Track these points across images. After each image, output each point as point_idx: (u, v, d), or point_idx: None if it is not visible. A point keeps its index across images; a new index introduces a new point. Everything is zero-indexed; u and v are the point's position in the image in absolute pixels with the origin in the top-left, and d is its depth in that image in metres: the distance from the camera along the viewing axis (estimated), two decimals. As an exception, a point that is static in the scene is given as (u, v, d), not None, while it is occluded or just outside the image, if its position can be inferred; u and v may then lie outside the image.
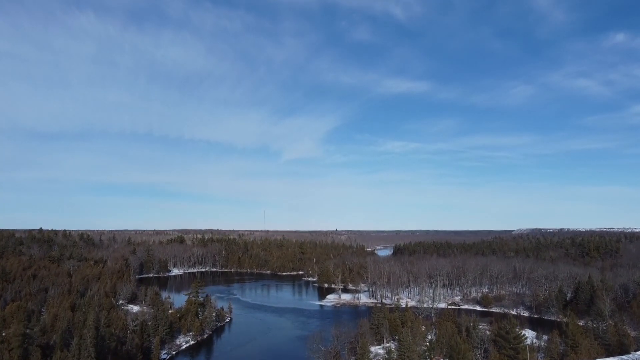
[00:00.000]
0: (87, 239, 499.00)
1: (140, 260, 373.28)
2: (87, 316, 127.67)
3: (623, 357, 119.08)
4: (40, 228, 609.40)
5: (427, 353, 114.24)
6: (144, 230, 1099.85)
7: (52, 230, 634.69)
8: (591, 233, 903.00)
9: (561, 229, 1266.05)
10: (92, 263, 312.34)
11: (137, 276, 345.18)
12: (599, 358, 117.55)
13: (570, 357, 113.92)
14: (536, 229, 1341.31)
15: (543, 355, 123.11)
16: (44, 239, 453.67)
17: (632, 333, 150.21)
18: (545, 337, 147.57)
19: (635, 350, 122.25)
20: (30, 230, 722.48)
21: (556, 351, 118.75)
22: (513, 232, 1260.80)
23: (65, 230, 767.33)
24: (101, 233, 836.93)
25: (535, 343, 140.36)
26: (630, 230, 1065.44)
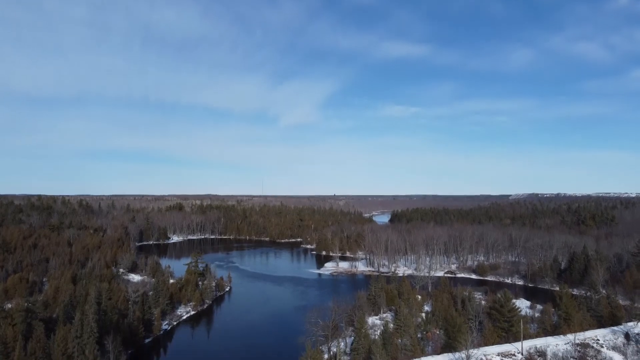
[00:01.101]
0: (86, 206, 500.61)
1: (140, 228, 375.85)
2: (88, 289, 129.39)
3: (614, 328, 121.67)
4: (40, 196, 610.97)
5: (423, 326, 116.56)
6: (142, 196, 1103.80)
7: (50, 197, 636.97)
8: (587, 198, 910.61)
9: (558, 194, 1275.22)
10: (91, 231, 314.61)
11: (136, 244, 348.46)
12: (591, 329, 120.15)
13: (563, 329, 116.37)
14: (533, 194, 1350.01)
15: (536, 326, 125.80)
16: (43, 206, 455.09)
17: (625, 303, 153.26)
18: (538, 307, 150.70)
19: (627, 322, 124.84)
20: (29, 197, 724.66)
21: (549, 323, 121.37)
22: (510, 198, 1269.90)
23: (64, 197, 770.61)
24: (100, 199, 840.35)
25: (529, 313, 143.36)
26: (626, 195, 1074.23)
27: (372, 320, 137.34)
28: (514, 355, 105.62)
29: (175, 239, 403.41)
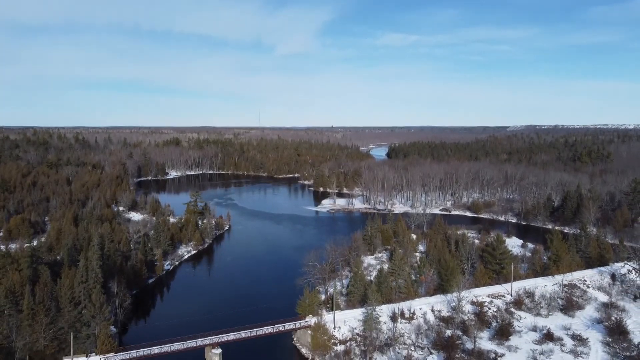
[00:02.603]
0: (82, 141, 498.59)
1: (138, 164, 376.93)
2: (91, 234, 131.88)
3: (601, 268, 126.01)
4: (34, 130, 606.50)
5: (417, 269, 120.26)
6: (139, 129, 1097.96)
7: (46, 131, 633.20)
8: (585, 131, 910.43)
9: (556, 126, 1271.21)
10: (90, 168, 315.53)
11: (135, 180, 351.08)
12: (579, 270, 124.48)
13: (552, 270, 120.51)
14: (531, 125, 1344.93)
15: (527, 266, 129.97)
16: (39, 141, 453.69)
17: (614, 242, 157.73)
18: (530, 246, 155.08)
19: (614, 262, 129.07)
20: (23, 130, 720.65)
21: (539, 264, 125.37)
22: (508, 129, 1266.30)
23: (59, 130, 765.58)
24: (96, 132, 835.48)
25: (521, 253, 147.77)
26: (623, 127, 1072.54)
27: (368, 260, 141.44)
28: (503, 296, 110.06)
29: (173, 174, 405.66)
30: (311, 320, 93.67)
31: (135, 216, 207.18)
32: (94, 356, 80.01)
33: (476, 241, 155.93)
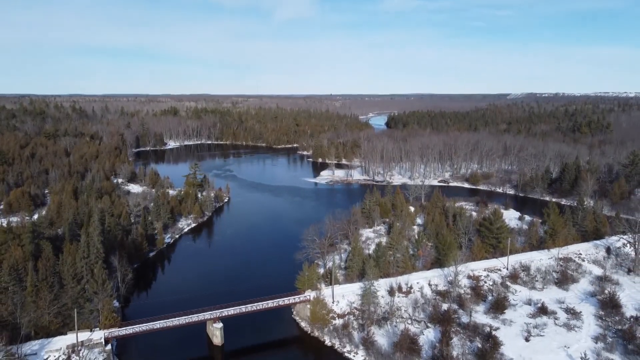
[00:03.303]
0: (79, 111, 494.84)
1: (136, 134, 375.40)
2: (91, 207, 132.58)
3: (597, 242, 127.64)
4: (30, 98, 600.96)
5: (415, 243, 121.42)
6: (136, 97, 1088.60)
7: (43, 100, 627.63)
8: (586, 99, 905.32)
9: (556, 94, 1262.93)
10: (88, 139, 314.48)
11: (133, 150, 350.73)
12: (575, 243, 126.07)
13: (548, 244, 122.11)
14: (531, 93, 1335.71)
15: (523, 240, 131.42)
16: (36, 111, 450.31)
17: (611, 214, 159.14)
18: (527, 219, 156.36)
19: (610, 236, 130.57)
20: (19, 98, 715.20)
21: (535, 238, 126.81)
22: (508, 97, 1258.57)
23: (55, 99, 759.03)
24: (93, 101, 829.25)
25: (518, 225, 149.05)
26: (624, 95, 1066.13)
27: (367, 233, 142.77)
28: (499, 270, 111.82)
29: (171, 144, 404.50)
30: (310, 294, 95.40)
31: (135, 188, 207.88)
32: (97, 331, 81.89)
33: (474, 214, 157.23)
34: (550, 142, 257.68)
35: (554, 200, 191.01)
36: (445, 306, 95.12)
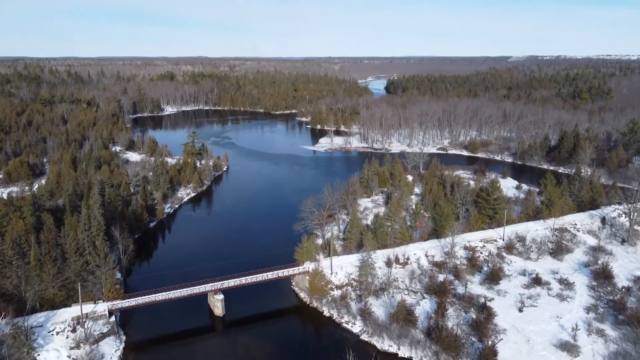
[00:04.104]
0: (75, 76, 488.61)
1: (133, 100, 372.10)
2: (90, 178, 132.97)
3: (592, 212, 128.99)
4: (25, 63, 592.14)
5: (412, 214, 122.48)
6: (131, 60, 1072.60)
7: (37, 64, 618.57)
8: (587, 62, 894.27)
9: (558, 57, 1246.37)
10: (84, 106, 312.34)
11: (130, 116, 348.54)
12: (571, 214, 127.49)
13: (544, 214, 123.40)
14: (532, 56, 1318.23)
15: (520, 209, 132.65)
16: (31, 76, 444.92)
17: (608, 182, 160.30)
18: (525, 188, 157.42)
19: (606, 205, 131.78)
20: (13, 61, 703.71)
21: (532, 208, 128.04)
22: (509, 60, 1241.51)
23: (50, 63, 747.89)
24: (88, 64, 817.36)
25: (515, 194, 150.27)
26: (627, 57, 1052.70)
27: (365, 203, 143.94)
28: (495, 241, 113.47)
29: (169, 110, 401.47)
30: (309, 266, 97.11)
31: (133, 156, 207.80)
32: (101, 303, 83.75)
33: (472, 183, 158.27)
34: (550, 109, 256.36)
35: (551, 168, 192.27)
36: (441, 277, 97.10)
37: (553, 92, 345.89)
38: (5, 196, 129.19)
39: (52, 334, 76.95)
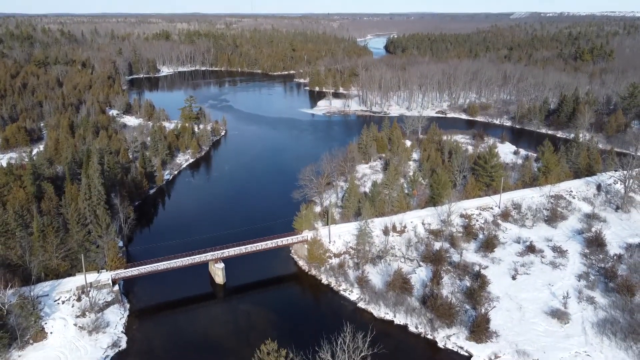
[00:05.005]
0: (68, 35, 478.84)
1: (128, 61, 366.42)
2: (89, 147, 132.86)
3: (588, 179, 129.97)
4: (17, 22, 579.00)
5: (410, 183, 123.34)
6: (125, 18, 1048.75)
7: (29, 23, 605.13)
8: (591, 18, 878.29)
9: (561, 14, 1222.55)
10: (79, 67, 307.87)
11: (126, 78, 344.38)
12: (567, 180, 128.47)
13: (540, 181, 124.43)
14: (535, 12, 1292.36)
15: (517, 176, 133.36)
16: (23, 36, 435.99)
17: (605, 147, 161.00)
18: (522, 153, 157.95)
19: (603, 172, 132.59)
20: (3, 18, 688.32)
21: (529, 175, 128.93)
22: (511, 17, 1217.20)
23: (42, 20, 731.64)
24: (81, 22, 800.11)
25: (513, 160, 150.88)
26: (631, 14, 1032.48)
27: (363, 169, 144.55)
28: (491, 208, 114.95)
29: (165, 71, 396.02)
30: (307, 234, 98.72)
31: (131, 121, 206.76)
32: (104, 272, 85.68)
33: (470, 148, 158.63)
34: (550, 71, 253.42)
35: (550, 132, 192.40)
36: (437, 245, 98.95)
37: (555, 52, 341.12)
38: (4, 163, 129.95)
39: (58, 303, 79.19)
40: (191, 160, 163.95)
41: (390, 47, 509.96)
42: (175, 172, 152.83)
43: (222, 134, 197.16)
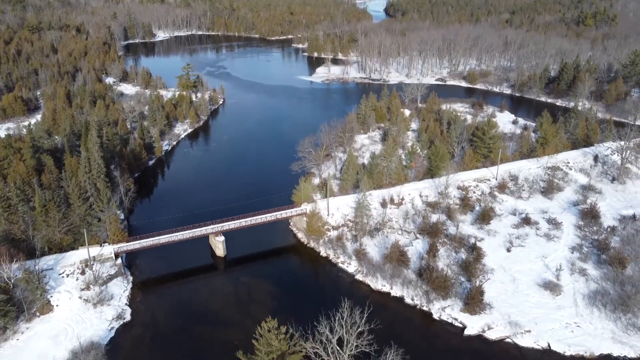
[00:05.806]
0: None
1: (123, 26, 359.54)
2: (87, 117, 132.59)
3: (586, 149, 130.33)
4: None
5: (408, 155, 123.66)
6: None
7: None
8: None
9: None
10: (74, 33, 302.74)
11: (122, 43, 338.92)
12: (564, 151, 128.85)
13: (538, 152, 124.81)
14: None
15: (515, 147, 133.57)
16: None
17: (605, 116, 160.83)
18: (521, 122, 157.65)
19: (600, 143, 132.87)
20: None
21: (526, 146, 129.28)
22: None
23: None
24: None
25: (511, 130, 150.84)
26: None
27: (362, 140, 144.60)
28: (489, 180, 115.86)
29: (161, 36, 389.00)
30: (306, 207, 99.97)
31: (128, 89, 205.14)
32: (107, 246, 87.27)
33: (468, 117, 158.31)
34: (552, 37, 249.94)
35: (549, 101, 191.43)
36: (434, 217, 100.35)
37: (557, 17, 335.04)
38: (2, 134, 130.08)
39: (63, 277, 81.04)
40: (190, 131, 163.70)
41: (390, 10, 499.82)
42: (174, 143, 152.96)
43: (220, 102, 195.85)
